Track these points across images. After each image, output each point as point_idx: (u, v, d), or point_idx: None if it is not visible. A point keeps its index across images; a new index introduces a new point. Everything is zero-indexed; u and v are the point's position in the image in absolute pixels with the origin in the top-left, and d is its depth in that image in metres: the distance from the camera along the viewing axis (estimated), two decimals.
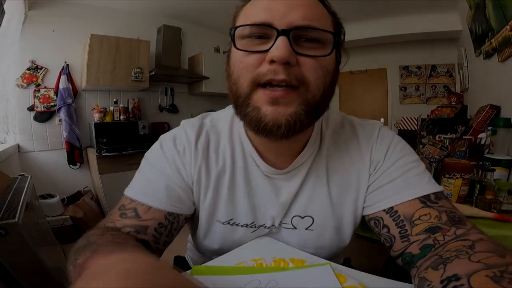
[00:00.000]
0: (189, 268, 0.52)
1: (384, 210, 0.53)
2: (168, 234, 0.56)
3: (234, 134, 0.60)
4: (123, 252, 0.33)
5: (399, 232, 0.50)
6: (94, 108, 2.87)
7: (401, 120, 1.91)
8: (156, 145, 0.61)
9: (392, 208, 0.52)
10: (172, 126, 3.51)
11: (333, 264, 0.50)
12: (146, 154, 0.61)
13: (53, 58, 2.70)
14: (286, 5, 0.43)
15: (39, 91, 2.64)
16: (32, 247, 1.03)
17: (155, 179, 0.56)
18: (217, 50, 3.94)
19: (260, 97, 0.45)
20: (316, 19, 0.44)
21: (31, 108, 2.63)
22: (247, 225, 0.60)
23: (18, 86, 2.56)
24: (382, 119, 3.82)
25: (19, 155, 2.59)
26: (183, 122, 0.63)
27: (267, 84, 0.44)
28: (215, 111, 0.68)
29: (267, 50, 0.43)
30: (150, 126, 3.40)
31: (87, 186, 2.97)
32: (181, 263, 0.83)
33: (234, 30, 0.46)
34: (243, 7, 0.49)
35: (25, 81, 2.57)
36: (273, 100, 0.44)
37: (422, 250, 0.46)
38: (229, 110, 0.63)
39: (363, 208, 0.58)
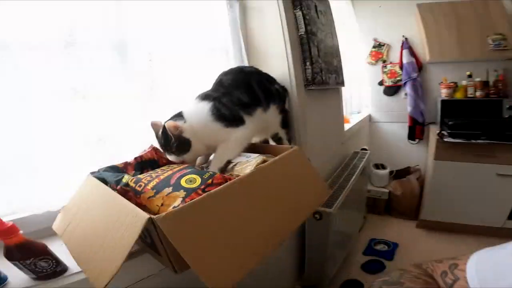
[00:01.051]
0: None
1: None
2: None
3: None
4: None
5: None
6: (442, 83, 2.43)
7: None
8: None
9: None
10: None
11: None
12: None
13: (390, 34, 2.62)
14: None
15: (385, 67, 2.69)
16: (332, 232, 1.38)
17: None
18: None
19: None
20: None
21: (380, 83, 2.79)
22: None
23: (368, 63, 2.80)
24: None
25: (369, 124, 2.96)
26: None
27: None
28: None
29: None
30: None
31: (418, 165, 2.79)
32: None
33: None
34: None
35: (373, 58, 2.73)
36: None
37: None
38: None
39: None
